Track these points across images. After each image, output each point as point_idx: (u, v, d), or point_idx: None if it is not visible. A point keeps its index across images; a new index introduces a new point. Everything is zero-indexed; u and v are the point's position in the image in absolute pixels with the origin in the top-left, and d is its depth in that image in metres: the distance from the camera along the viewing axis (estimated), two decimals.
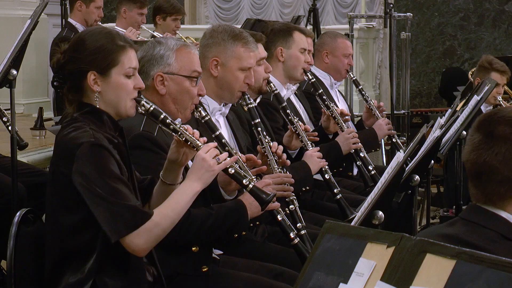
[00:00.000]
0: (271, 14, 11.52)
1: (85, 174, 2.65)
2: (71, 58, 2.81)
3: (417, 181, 3.37)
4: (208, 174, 2.78)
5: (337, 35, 5.54)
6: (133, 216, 2.66)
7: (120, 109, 2.83)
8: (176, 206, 2.74)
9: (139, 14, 7.22)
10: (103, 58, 2.79)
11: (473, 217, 2.26)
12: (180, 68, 3.30)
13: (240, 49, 3.78)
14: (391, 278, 1.66)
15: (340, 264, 1.74)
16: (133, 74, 2.84)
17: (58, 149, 2.81)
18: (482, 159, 2.24)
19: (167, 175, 2.91)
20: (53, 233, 2.81)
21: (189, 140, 2.81)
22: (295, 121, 4.17)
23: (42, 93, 8.69)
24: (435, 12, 11.31)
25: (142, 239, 2.67)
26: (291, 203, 3.70)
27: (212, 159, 2.78)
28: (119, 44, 2.82)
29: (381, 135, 5.20)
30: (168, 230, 2.73)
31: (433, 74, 11.38)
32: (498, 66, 6.14)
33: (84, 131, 2.72)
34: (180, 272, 3.20)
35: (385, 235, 1.73)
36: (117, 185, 2.66)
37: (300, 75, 4.85)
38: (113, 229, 2.64)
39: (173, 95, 3.29)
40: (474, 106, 4.91)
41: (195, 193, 2.78)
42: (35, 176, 4.67)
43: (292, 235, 3.38)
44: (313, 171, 4.08)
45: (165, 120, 2.83)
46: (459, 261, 1.58)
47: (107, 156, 2.69)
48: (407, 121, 8.42)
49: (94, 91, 2.79)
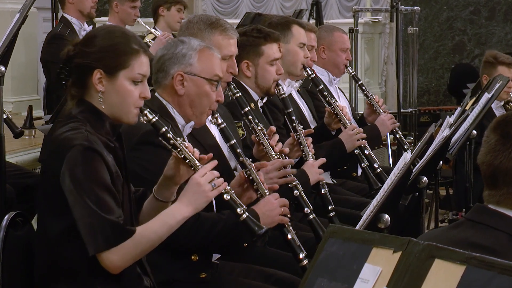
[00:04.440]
0: (272, 8, 11.52)
1: (73, 178, 2.65)
2: (80, 52, 2.81)
3: (425, 183, 3.37)
4: (201, 200, 2.77)
5: (334, 29, 5.53)
6: (113, 233, 2.65)
7: (122, 115, 2.82)
8: (161, 229, 2.73)
9: (132, 7, 7.22)
10: (113, 57, 2.79)
11: (482, 218, 2.26)
12: (202, 70, 3.29)
13: (218, 37, 3.75)
14: (398, 285, 1.66)
15: (344, 269, 1.74)
16: (141, 80, 2.83)
17: (50, 147, 2.81)
18: (499, 161, 2.25)
19: (160, 191, 2.90)
20: (43, 239, 2.81)
21: (188, 159, 2.80)
22: (299, 129, 4.16)
23: (32, 90, 8.68)
24: (444, 5, 11.31)
25: (118, 256, 2.67)
26: (295, 188, 3.70)
27: (208, 184, 2.76)
28: (133, 47, 2.81)
29: (384, 131, 5.18)
30: (146, 251, 2.74)
31: (442, 70, 11.39)
32: (503, 59, 6.15)
33: (79, 132, 2.71)
34: (177, 278, 3.20)
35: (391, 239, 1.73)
36: (103, 195, 2.65)
37: (300, 71, 4.84)
38: (92, 242, 2.64)
39: (191, 97, 3.28)
40: (485, 104, 4.91)
41: (183, 218, 2.76)
42: (24, 177, 4.67)
43: (301, 256, 3.36)
44: (312, 181, 4.04)
45: (165, 134, 2.82)
46: (469, 267, 1.59)
47: (99, 162, 2.68)
48: (414, 120, 8.42)
49: (98, 90, 2.79)
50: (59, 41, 6.42)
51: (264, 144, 3.65)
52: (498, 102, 6.09)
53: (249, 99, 4.08)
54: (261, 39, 4.21)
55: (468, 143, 5.10)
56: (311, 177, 4.02)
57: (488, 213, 2.26)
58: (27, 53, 8.36)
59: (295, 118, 4.22)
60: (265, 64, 4.24)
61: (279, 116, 4.56)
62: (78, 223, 2.64)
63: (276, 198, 3.27)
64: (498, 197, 2.26)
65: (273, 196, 3.28)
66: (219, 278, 3.30)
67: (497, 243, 2.18)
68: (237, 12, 11.52)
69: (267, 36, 4.24)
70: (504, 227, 2.22)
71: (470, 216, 2.30)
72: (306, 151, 4.12)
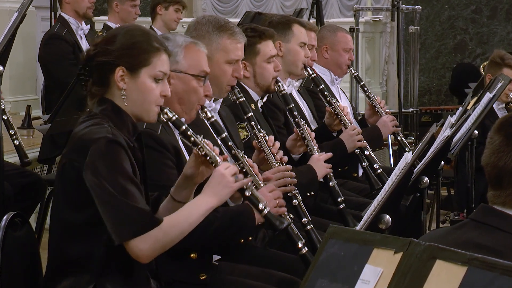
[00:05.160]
0: (272, 7, 11.53)
1: (97, 170, 2.65)
2: (102, 50, 2.83)
3: (426, 183, 3.37)
4: (225, 191, 2.80)
5: (337, 29, 5.54)
6: (142, 220, 2.66)
7: (143, 113, 2.84)
8: (188, 218, 2.74)
9: (132, 6, 7.22)
10: (136, 55, 2.81)
11: (487, 219, 2.26)
12: (189, 67, 3.29)
13: (226, 41, 3.76)
14: (399, 286, 1.66)
15: (345, 270, 1.74)
16: (162, 78, 2.85)
17: (72, 142, 2.80)
18: (503, 162, 2.25)
19: (178, 192, 2.91)
20: (57, 232, 2.81)
21: (209, 155, 2.83)
22: (301, 124, 4.16)
23: (30, 90, 8.69)
24: (445, 4, 11.31)
25: (147, 245, 2.67)
26: (294, 197, 3.70)
27: (231, 176, 2.80)
28: (154, 45, 2.84)
29: (386, 132, 5.19)
30: (176, 241, 2.73)
31: (443, 70, 11.39)
32: (510, 62, 6.14)
33: (102, 127, 2.73)
34: (176, 279, 3.20)
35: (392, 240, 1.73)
36: (128, 186, 2.66)
37: (300, 71, 4.84)
38: (118, 231, 2.64)
39: (179, 95, 3.28)
40: (486, 104, 4.91)
41: (209, 208, 2.78)
42: (23, 177, 4.68)
43: (300, 245, 3.36)
44: (319, 176, 4.07)
45: (186, 132, 2.85)
46: (470, 268, 1.59)
47: (123, 155, 2.70)
48: (415, 120, 8.42)
49: (120, 88, 2.80)
50: (56, 40, 6.43)
51: (266, 151, 3.66)
52: (499, 103, 6.09)
53: (249, 100, 4.09)
54: (256, 38, 4.20)
55: (470, 143, 5.10)
56: (319, 172, 4.04)
57: (493, 214, 2.26)
58: (25, 53, 8.36)
59: (297, 113, 4.23)
60: (263, 62, 4.24)
61: (279, 116, 4.56)
62: (103, 215, 2.64)
63: (271, 190, 3.27)
64: (503, 198, 2.26)
65: (267, 188, 3.27)
66: (219, 280, 3.30)
67: (502, 244, 2.18)
68: (237, 11, 11.52)
69: (261, 34, 4.23)
70: (509, 228, 2.22)
71: (474, 217, 2.30)
72: (310, 146, 4.14)
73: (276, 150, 3.66)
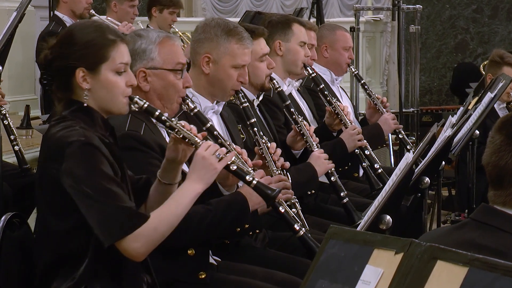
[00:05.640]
0: (272, 6, 11.53)
1: (75, 175, 2.64)
2: (58, 54, 2.80)
3: (427, 184, 3.37)
4: (210, 174, 2.78)
5: (336, 27, 5.54)
6: (129, 219, 2.65)
7: (113, 107, 2.82)
8: (176, 209, 2.74)
9: (131, 6, 7.22)
10: (93, 53, 2.78)
11: (488, 219, 2.26)
12: (164, 62, 3.28)
13: (234, 46, 3.75)
14: (400, 287, 1.66)
15: (345, 271, 1.74)
16: (124, 70, 2.83)
17: (45, 149, 2.80)
18: (504, 162, 2.25)
19: (165, 175, 2.91)
20: (43, 238, 2.81)
21: (187, 137, 2.81)
22: (299, 120, 4.16)
23: (29, 90, 8.69)
24: (446, 4, 11.31)
25: (139, 243, 2.66)
26: (293, 206, 3.69)
27: (213, 156, 2.78)
28: (109, 38, 2.81)
29: (387, 130, 5.18)
30: (166, 234, 2.73)
31: (444, 69, 11.39)
32: (510, 60, 6.14)
33: (74, 129, 2.71)
34: (176, 278, 3.20)
35: (393, 240, 1.73)
36: (110, 186, 2.65)
37: (300, 70, 4.84)
38: (106, 233, 2.63)
39: (158, 91, 3.27)
40: (487, 103, 4.91)
41: (196, 195, 2.77)
42: (21, 177, 4.68)
43: (297, 227, 3.35)
44: (319, 173, 4.07)
45: (160, 117, 2.84)
46: (471, 269, 1.59)
47: (99, 156, 2.68)
48: (416, 120, 8.41)
49: (83, 88, 2.78)
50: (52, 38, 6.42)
51: (267, 158, 3.65)
52: (500, 103, 6.09)
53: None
54: None
55: (471, 143, 5.10)
56: (319, 169, 4.04)
57: (494, 214, 2.26)
58: (24, 52, 8.36)
59: (294, 110, 4.23)
60: (255, 62, 4.21)
61: (279, 116, 4.56)
62: (88, 218, 2.63)
63: (261, 176, 3.26)
64: (504, 197, 2.26)
65: (258, 174, 3.25)
66: (219, 279, 3.30)
67: (504, 244, 2.18)
68: (237, 10, 11.52)
69: (252, 34, 4.19)
70: (510, 228, 2.22)
71: (475, 217, 2.30)
72: (309, 141, 4.14)
73: (277, 157, 3.66)
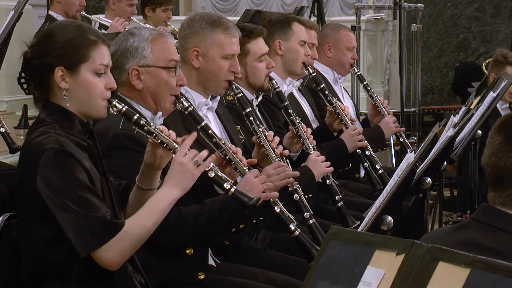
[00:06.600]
0: (272, 5, 11.53)
1: (50, 184, 2.63)
2: (38, 52, 2.78)
3: (428, 184, 3.37)
4: (187, 180, 2.76)
5: (340, 27, 5.55)
6: (103, 229, 2.64)
7: (91, 109, 2.79)
8: (152, 215, 2.72)
9: (129, 5, 7.24)
10: (72, 52, 2.75)
11: (489, 219, 2.26)
12: (157, 59, 3.28)
13: (220, 36, 3.74)
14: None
15: (346, 272, 1.74)
16: (104, 72, 2.80)
17: (23, 156, 2.78)
18: (503, 162, 2.26)
19: (143, 180, 2.89)
20: (29, 246, 2.78)
21: (165, 142, 2.79)
22: (297, 122, 4.16)
23: None
24: (448, 2, 11.31)
25: (114, 252, 2.65)
26: (295, 192, 3.69)
27: (190, 161, 2.76)
28: (90, 39, 2.78)
29: (388, 133, 5.20)
30: (143, 240, 2.71)
31: (446, 69, 11.38)
32: None
33: (49, 136, 2.68)
34: (175, 279, 3.20)
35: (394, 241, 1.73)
36: (85, 195, 2.64)
37: (300, 69, 4.84)
38: (81, 243, 2.62)
39: (151, 89, 3.27)
40: (490, 103, 4.91)
41: (173, 200, 2.76)
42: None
43: (292, 227, 3.35)
44: (317, 177, 4.05)
45: (138, 121, 2.81)
46: (473, 270, 1.59)
47: (73, 164, 2.66)
48: (418, 120, 8.42)
49: (62, 88, 2.76)
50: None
51: (265, 146, 3.65)
52: (503, 102, 6.09)
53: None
54: (244, 37, 4.13)
55: (473, 143, 5.10)
56: (316, 172, 4.03)
57: (495, 214, 2.26)
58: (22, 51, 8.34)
59: (291, 111, 4.22)
60: (253, 62, 4.21)
61: (279, 116, 4.55)
62: (64, 228, 2.62)
63: (256, 175, 3.25)
64: (503, 198, 2.27)
65: (252, 173, 3.25)
66: (219, 280, 3.30)
67: (505, 245, 2.18)
68: (237, 9, 11.52)
69: (250, 33, 4.20)
70: (511, 228, 2.22)
71: (476, 217, 2.30)
72: (306, 144, 4.13)
73: (275, 145, 3.66)
